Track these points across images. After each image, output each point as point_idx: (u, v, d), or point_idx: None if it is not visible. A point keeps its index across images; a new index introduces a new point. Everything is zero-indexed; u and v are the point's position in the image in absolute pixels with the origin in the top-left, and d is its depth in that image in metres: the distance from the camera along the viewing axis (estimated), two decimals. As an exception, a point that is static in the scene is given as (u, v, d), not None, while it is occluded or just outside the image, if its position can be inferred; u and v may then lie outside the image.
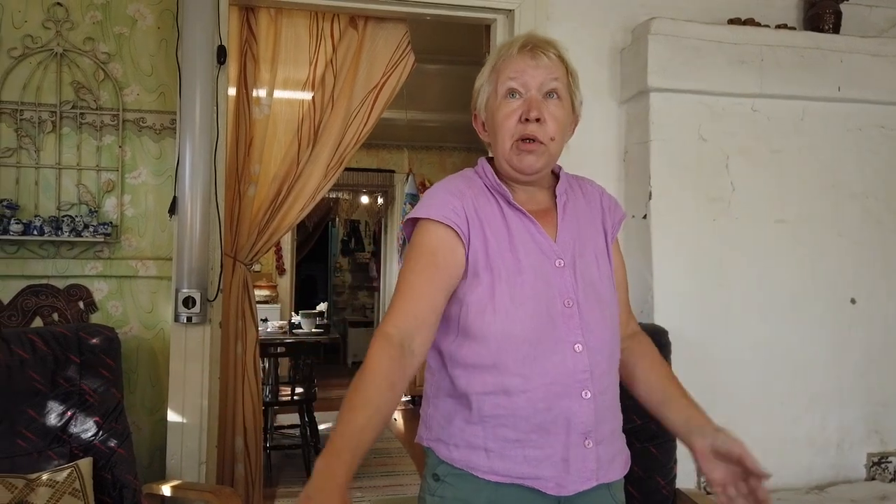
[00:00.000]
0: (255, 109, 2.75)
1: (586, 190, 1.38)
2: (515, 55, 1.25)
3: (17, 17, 2.33)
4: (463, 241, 1.22)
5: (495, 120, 1.26)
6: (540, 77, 1.23)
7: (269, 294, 6.83)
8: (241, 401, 2.71)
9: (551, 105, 1.24)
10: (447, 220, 1.22)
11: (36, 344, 2.03)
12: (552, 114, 1.24)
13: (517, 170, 1.26)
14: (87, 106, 2.38)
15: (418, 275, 1.20)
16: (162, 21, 2.43)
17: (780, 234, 2.53)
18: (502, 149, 1.26)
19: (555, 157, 1.28)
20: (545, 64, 1.24)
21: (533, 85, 1.24)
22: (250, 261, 2.76)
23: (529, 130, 1.22)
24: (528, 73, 1.23)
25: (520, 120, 1.23)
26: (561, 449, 1.19)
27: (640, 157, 2.51)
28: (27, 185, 2.34)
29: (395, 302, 1.19)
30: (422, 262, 1.21)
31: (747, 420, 2.44)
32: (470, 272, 1.22)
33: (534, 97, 1.23)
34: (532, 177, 1.28)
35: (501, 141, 1.25)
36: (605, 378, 1.24)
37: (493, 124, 1.27)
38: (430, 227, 1.23)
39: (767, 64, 2.48)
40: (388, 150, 6.88)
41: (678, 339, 2.26)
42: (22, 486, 1.82)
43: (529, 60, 1.24)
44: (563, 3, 2.60)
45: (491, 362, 1.19)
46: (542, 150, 1.24)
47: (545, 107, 1.23)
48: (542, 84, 1.24)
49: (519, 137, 1.23)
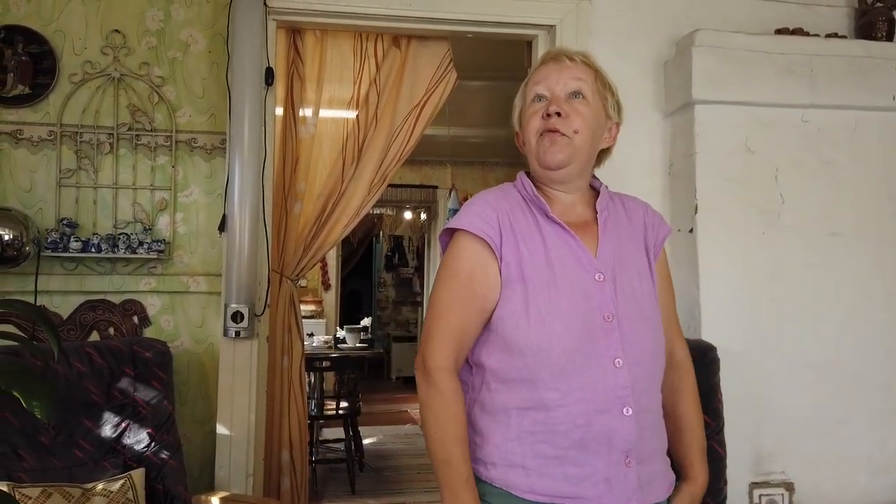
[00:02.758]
0: (302, 128, 2.81)
1: (629, 206, 1.37)
2: (543, 65, 1.32)
3: (77, 44, 2.44)
4: (496, 254, 1.23)
5: (525, 124, 1.32)
6: (563, 79, 1.28)
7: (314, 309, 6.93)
8: (288, 414, 2.75)
9: (575, 103, 1.28)
10: (481, 232, 1.23)
11: (93, 357, 2.11)
12: (576, 109, 1.27)
13: (544, 165, 1.29)
14: (142, 128, 2.48)
15: (454, 300, 1.24)
16: (213, 45, 2.52)
17: (833, 247, 2.45)
18: (531, 147, 1.30)
19: (581, 151, 1.28)
20: (568, 66, 1.29)
21: (557, 87, 1.28)
22: (296, 276, 2.81)
23: (551, 123, 1.26)
24: (551, 76, 1.29)
25: (543, 117, 1.28)
26: (602, 468, 1.17)
27: (686, 170, 2.47)
28: (86, 205, 2.44)
29: (435, 329, 1.23)
30: (457, 285, 1.24)
31: (800, 439, 2.37)
32: (503, 285, 1.23)
33: (556, 96, 1.28)
34: (559, 172, 1.29)
35: (528, 139, 1.30)
36: (647, 395, 1.23)
37: (524, 129, 1.32)
38: (465, 241, 1.25)
39: (818, 74, 2.43)
40: (431, 166, 6.93)
41: (726, 355, 2.21)
42: (78, 496, 1.89)
43: (553, 65, 1.30)
44: (605, 18, 2.59)
45: (527, 376, 1.19)
46: (564, 142, 1.26)
47: (569, 104, 1.27)
48: (565, 85, 1.28)
49: (542, 131, 1.27)
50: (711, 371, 2.10)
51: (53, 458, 1.97)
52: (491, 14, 2.54)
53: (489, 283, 1.23)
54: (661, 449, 1.28)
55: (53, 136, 2.41)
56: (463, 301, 1.22)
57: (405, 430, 5.96)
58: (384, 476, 4.57)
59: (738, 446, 2.19)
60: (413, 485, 4.39)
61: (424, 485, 4.40)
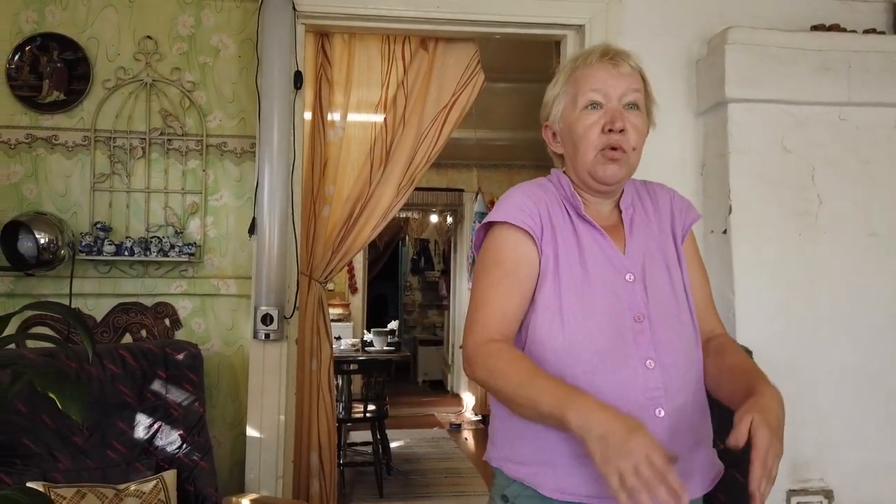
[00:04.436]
0: (330, 132, 2.82)
1: (655, 195, 1.35)
2: (595, 64, 1.24)
3: (110, 51, 2.48)
4: (537, 245, 1.21)
5: (575, 131, 1.25)
6: (621, 88, 1.22)
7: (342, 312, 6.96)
8: (317, 417, 2.76)
9: (632, 116, 1.23)
10: (523, 223, 1.21)
11: (126, 359, 2.14)
12: (633, 124, 1.23)
13: (600, 180, 1.25)
14: (173, 132, 2.51)
15: (498, 287, 1.20)
16: (243, 50, 2.54)
17: (872, 249, 2.39)
18: (584, 160, 1.24)
19: (634, 167, 1.27)
20: (626, 73, 1.23)
21: (614, 95, 1.22)
22: (325, 279, 2.82)
23: (614, 140, 1.21)
24: (609, 82, 1.22)
25: (603, 130, 1.22)
26: None
27: (719, 171, 2.43)
28: (119, 209, 2.47)
29: (477, 317, 1.19)
30: (500, 272, 1.21)
31: (838, 445, 2.30)
32: (539, 279, 1.21)
33: (616, 108, 1.22)
34: (612, 187, 1.27)
35: (584, 152, 1.24)
36: (681, 395, 1.20)
37: (573, 136, 1.26)
38: (507, 232, 1.23)
39: (855, 70, 2.37)
40: (458, 169, 6.93)
41: (762, 359, 2.15)
42: (112, 497, 1.91)
43: (611, 69, 1.23)
44: (635, 17, 2.56)
45: (557, 374, 1.17)
46: (624, 160, 1.23)
47: (626, 117, 1.22)
48: (622, 95, 1.23)
49: (603, 147, 1.22)
50: (747, 375, 2.06)
51: (87, 459, 2.00)
52: (519, 14, 2.52)
53: (531, 271, 1.21)
54: (697, 444, 1.25)
55: (87, 141, 2.45)
56: (507, 288, 1.19)
57: (432, 434, 5.95)
58: (411, 479, 4.56)
59: (775, 453, 2.14)
60: (440, 488, 4.38)
61: (452, 488, 4.39)
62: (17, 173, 2.43)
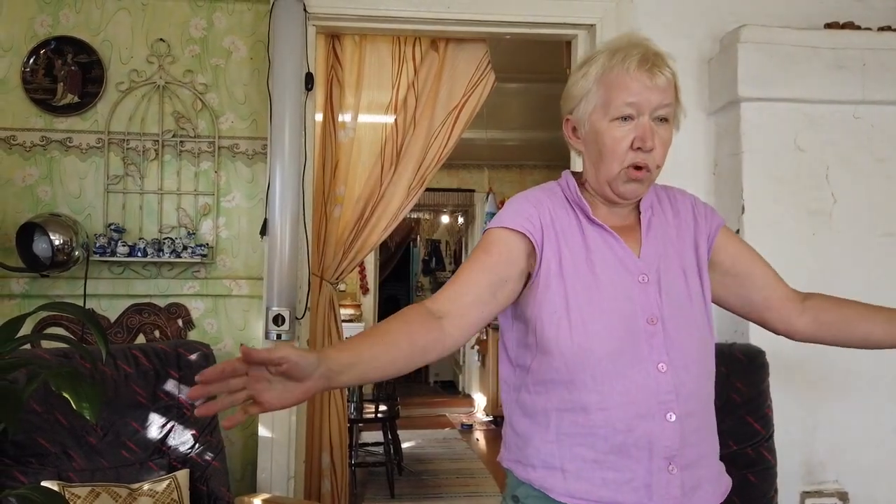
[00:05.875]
0: (341, 133, 2.83)
1: (675, 201, 1.33)
2: (633, 71, 1.18)
3: (124, 54, 2.50)
4: (536, 247, 1.21)
5: (602, 141, 1.21)
6: (655, 101, 1.18)
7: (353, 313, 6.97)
8: (328, 417, 2.76)
9: (661, 130, 1.19)
10: (520, 227, 1.21)
11: (139, 359, 2.15)
12: (661, 139, 1.19)
13: (619, 195, 1.22)
14: (186, 134, 2.52)
15: (468, 265, 1.22)
16: (254, 52, 2.55)
17: (887, 248, 2.36)
18: (607, 172, 1.21)
19: (654, 181, 1.25)
20: (662, 86, 1.18)
21: (647, 108, 1.18)
22: (336, 280, 2.82)
23: (641, 158, 1.18)
24: (643, 95, 1.17)
25: (631, 147, 1.18)
26: (643, 474, 1.14)
27: (732, 170, 2.41)
28: (132, 210, 2.49)
29: (443, 288, 1.21)
30: (474, 255, 1.23)
31: (854, 448, 2.28)
32: (542, 283, 1.20)
33: (647, 124, 1.18)
34: (630, 202, 1.26)
35: (608, 164, 1.20)
36: (693, 400, 1.19)
37: (599, 144, 1.21)
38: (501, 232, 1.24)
39: (870, 68, 2.34)
40: (468, 170, 6.93)
41: (776, 361, 2.14)
42: (125, 496, 1.92)
43: (647, 81, 1.17)
44: (646, 15, 2.55)
45: (567, 377, 1.17)
46: (647, 179, 1.20)
47: (656, 134, 1.18)
48: (655, 108, 1.18)
49: (629, 165, 1.19)
50: (761, 377, 2.05)
51: (101, 459, 2.02)
52: (530, 14, 2.52)
53: (510, 255, 1.21)
54: (710, 453, 1.24)
55: (101, 143, 2.47)
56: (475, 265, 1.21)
57: (443, 434, 5.95)
58: (423, 480, 4.56)
59: (789, 454, 2.13)
60: (452, 489, 4.37)
61: (463, 489, 4.38)
62: (32, 175, 2.45)
